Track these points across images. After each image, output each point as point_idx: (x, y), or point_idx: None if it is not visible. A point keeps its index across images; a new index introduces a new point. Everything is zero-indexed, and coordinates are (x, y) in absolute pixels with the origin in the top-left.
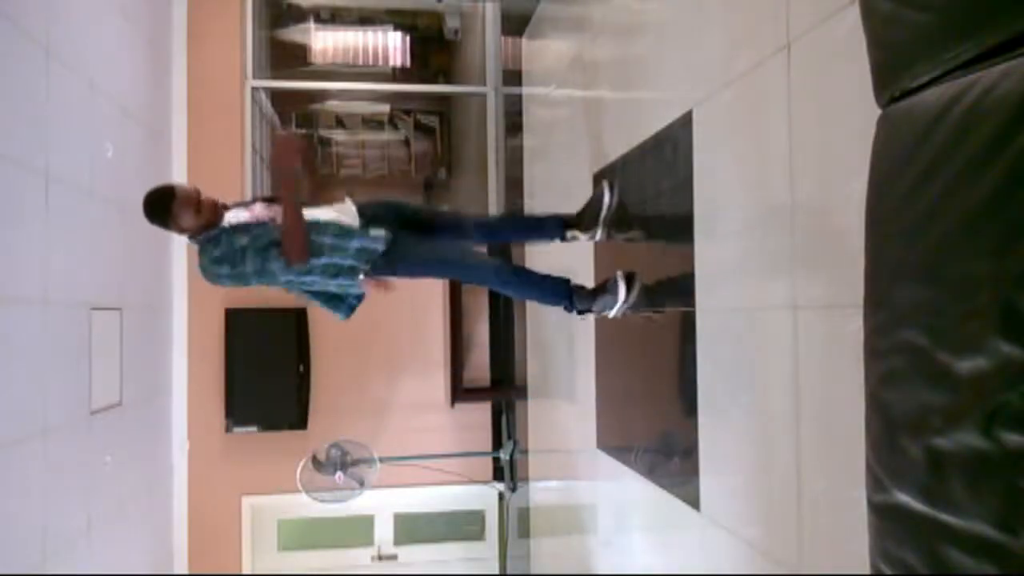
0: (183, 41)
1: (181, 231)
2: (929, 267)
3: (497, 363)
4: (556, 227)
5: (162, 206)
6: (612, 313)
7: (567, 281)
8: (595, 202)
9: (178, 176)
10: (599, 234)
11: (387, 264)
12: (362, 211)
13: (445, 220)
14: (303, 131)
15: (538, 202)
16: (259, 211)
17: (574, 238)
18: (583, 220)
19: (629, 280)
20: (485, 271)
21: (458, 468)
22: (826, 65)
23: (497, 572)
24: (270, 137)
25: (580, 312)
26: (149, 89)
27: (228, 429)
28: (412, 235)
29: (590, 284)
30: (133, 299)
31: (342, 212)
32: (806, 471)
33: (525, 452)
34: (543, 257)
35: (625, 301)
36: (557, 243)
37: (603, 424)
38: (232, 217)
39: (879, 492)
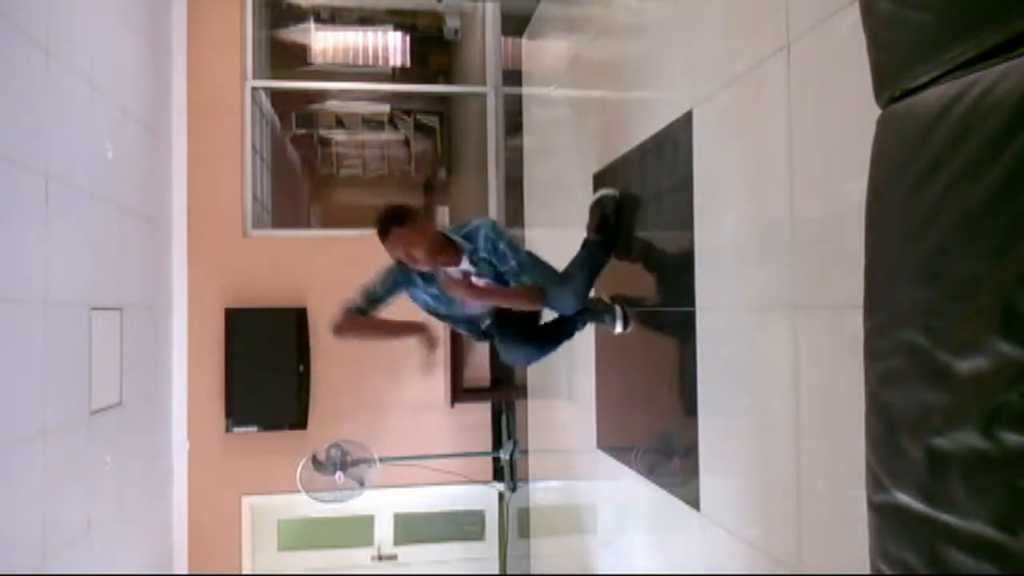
0: (183, 41)
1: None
2: (929, 267)
3: (497, 363)
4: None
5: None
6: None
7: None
8: (600, 208)
9: (178, 176)
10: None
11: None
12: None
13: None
14: (303, 131)
15: (538, 202)
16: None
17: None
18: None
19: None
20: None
21: (458, 468)
22: (826, 65)
23: (497, 572)
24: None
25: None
26: (149, 89)
27: (228, 429)
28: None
29: None
30: (133, 299)
31: None
32: (806, 471)
33: (525, 452)
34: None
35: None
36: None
37: (603, 424)
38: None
39: (879, 492)
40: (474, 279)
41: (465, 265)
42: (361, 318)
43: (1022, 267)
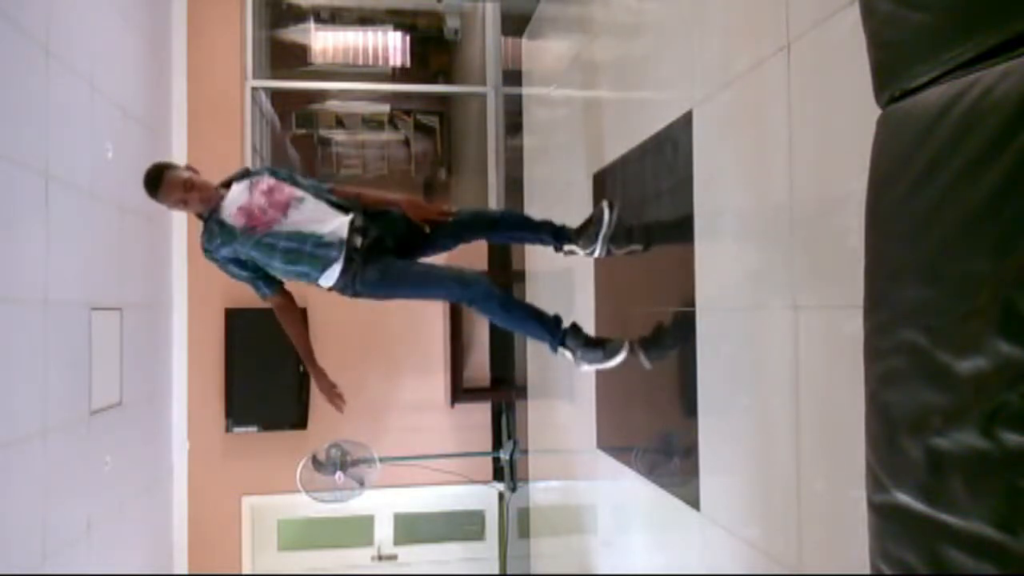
0: (183, 41)
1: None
2: (929, 267)
3: (497, 363)
4: (552, 235)
5: (150, 187)
6: (589, 367)
7: (557, 318)
8: (595, 220)
9: None
10: (598, 251)
11: (373, 284)
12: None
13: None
14: (303, 131)
15: (538, 202)
16: (257, 201)
17: (571, 252)
18: (581, 236)
19: (631, 349)
20: (473, 288)
21: (458, 468)
22: (826, 65)
23: (497, 572)
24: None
25: (563, 346)
26: (149, 89)
27: (228, 429)
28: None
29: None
30: (133, 299)
31: (335, 226)
32: (806, 471)
33: (525, 452)
34: (544, 260)
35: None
36: (552, 251)
37: (603, 424)
38: (229, 206)
39: (879, 492)
40: (257, 186)
41: (235, 188)
42: (285, 315)
43: (1022, 267)
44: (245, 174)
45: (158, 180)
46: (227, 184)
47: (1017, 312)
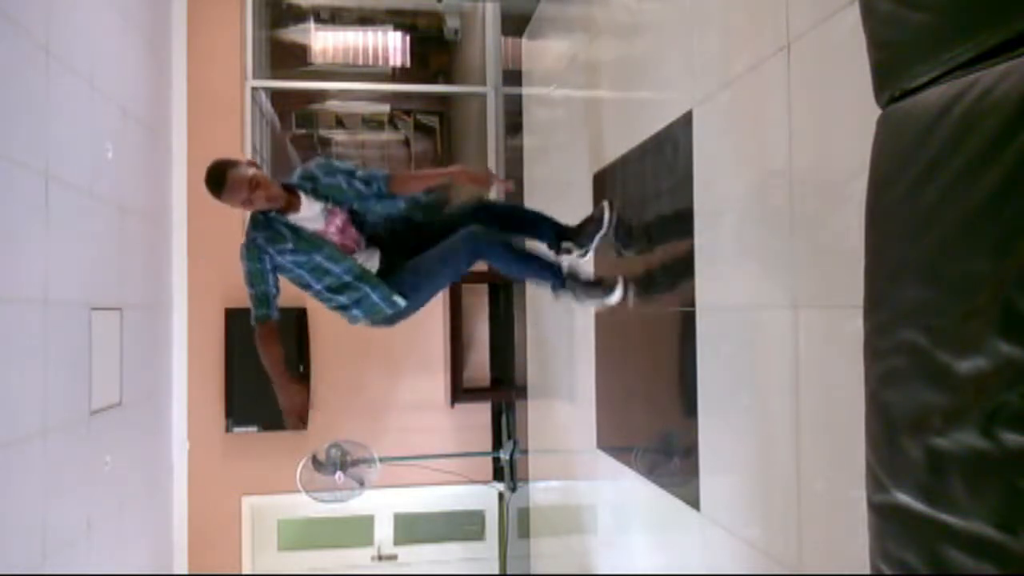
0: (183, 41)
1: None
2: (929, 267)
3: (497, 363)
4: (552, 233)
5: (214, 187)
6: (591, 304)
7: (557, 264)
8: (594, 220)
9: (178, 176)
10: (592, 251)
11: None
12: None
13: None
14: (303, 131)
15: (538, 202)
16: (332, 236)
17: (567, 251)
18: (579, 235)
19: (625, 287)
20: (480, 244)
21: (458, 468)
22: (826, 65)
23: (497, 572)
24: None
25: (563, 288)
26: (149, 89)
27: (228, 429)
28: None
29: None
30: (133, 299)
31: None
32: (806, 471)
33: (525, 452)
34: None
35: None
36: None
37: (603, 424)
38: (303, 222)
39: (879, 492)
40: (333, 219)
41: (309, 206)
42: (271, 340)
43: (1022, 267)
44: (309, 179)
45: (222, 179)
46: (287, 188)
47: (1017, 312)
